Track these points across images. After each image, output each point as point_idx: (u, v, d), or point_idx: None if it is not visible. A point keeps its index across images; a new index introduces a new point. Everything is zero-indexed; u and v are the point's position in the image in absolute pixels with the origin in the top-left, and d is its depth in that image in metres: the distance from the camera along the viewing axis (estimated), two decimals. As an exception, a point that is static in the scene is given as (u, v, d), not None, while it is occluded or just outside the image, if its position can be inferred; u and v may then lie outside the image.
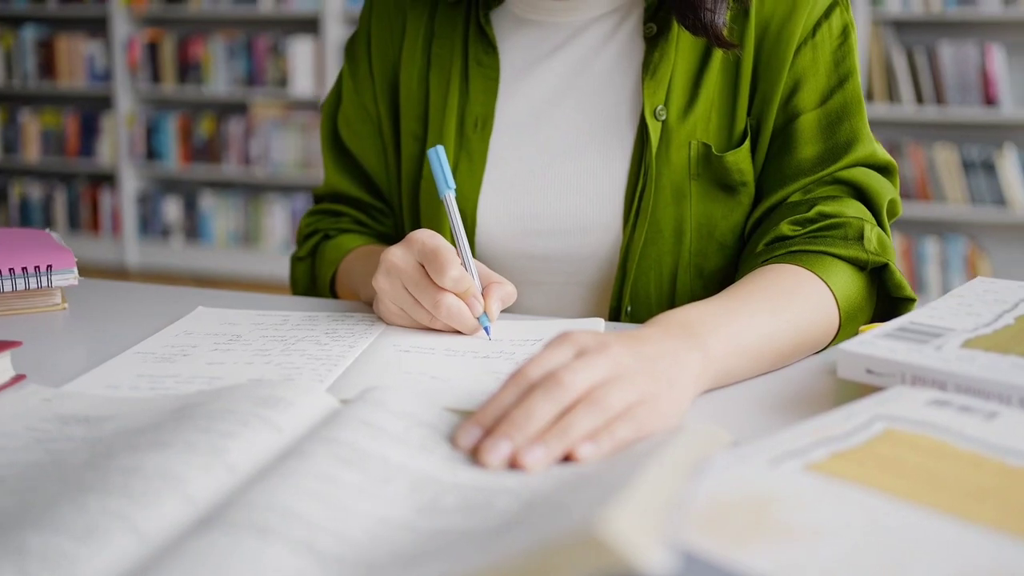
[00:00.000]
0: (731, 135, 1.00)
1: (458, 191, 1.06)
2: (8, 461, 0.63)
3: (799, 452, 0.57)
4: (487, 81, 1.06)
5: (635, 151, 1.01)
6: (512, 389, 0.65)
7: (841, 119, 0.97)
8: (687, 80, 1.00)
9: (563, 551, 0.38)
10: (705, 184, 1.00)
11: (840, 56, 0.98)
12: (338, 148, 1.19)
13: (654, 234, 1.00)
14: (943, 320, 0.78)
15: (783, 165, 0.98)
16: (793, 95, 0.98)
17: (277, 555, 0.47)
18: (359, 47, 1.16)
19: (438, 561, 0.45)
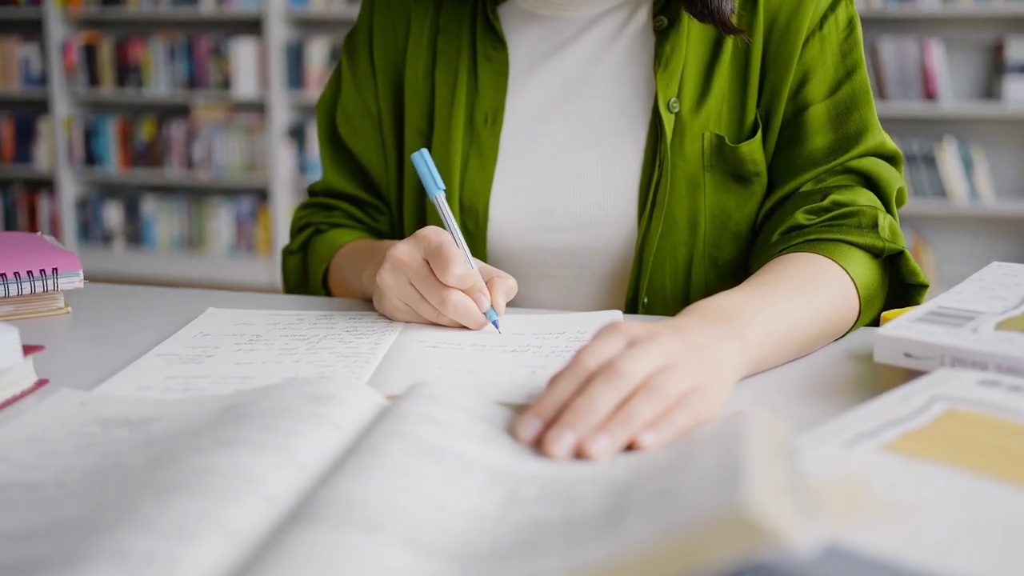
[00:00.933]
0: (742, 126, 1.01)
1: (470, 186, 1.06)
2: (62, 466, 0.62)
3: (871, 434, 0.58)
4: (496, 76, 1.06)
5: (648, 144, 1.02)
6: (570, 380, 0.65)
7: (850, 109, 0.99)
8: (698, 72, 1.01)
9: (707, 534, 0.38)
10: (719, 175, 1.01)
11: (847, 48, 1.00)
12: (336, 145, 1.18)
13: (669, 226, 1.01)
14: (971, 304, 0.80)
15: (794, 155, 1.00)
16: (802, 87, 1.00)
17: (385, 549, 0.47)
18: (359, 43, 1.14)
19: (554, 553, 0.45)
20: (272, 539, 0.48)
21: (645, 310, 1.04)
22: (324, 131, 1.19)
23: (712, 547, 0.38)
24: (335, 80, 1.19)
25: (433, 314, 0.90)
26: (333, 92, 1.19)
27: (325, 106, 1.19)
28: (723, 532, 0.38)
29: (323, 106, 1.19)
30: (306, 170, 4.42)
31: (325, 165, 1.19)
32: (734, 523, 0.38)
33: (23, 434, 0.67)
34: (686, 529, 0.39)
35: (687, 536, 0.39)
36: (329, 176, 1.18)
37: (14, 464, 0.62)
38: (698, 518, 0.40)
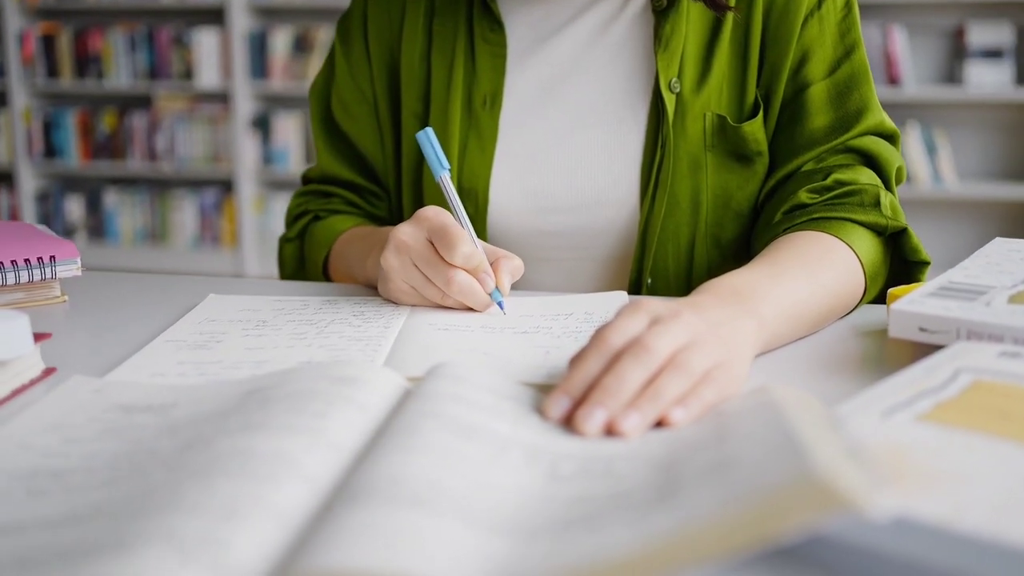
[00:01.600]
0: (742, 106, 1.01)
1: (469, 169, 1.05)
2: (88, 452, 0.61)
3: (905, 405, 0.59)
4: (494, 58, 1.06)
5: (649, 125, 1.02)
6: (596, 357, 0.65)
7: (850, 89, 1.00)
8: (698, 53, 1.01)
9: (783, 502, 0.39)
10: (720, 155, 1.01)
11: (845, 27, 1.01)
12: (331, 130, 1.17)
13: (672, 206, 1.01)
14: (980, 279, 0.80)
15: (795, 135, 1.00)
16: (802, 66, 1.00)
17: (439, 525, 0.46)
18: (353, 28, 1.13)
19: (617, 524, 0.45)
20: (321, 519, 0.48)
21: (649, 291, 1.04)
22: (318, 117, 1.18)
23: (788, 514, 0.38)
24: (328, 66, 1.18)
25: (438, 296, 0.89)
26: (326, 78, 1.18)
27: (318, 92, 1.18)
28: (800, 499, 0.38)
29: (316, 92, 1.18)
30: (271, 161, 4.39)
31: (320, 152, 1.18)
32: (812, 490, 0.38)
33: (43, 422, 0.66)
34: (761, 498, 0.39)
35: (763, 504, 0.39)
36: (325, 163, 1.17)
37: (39, 452, 0.61)
38: (772, 487, 0.40)
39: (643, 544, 0.40)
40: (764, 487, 0.41)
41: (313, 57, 4.24)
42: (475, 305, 0.89)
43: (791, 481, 0.40)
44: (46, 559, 0.47)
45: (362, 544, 0.43)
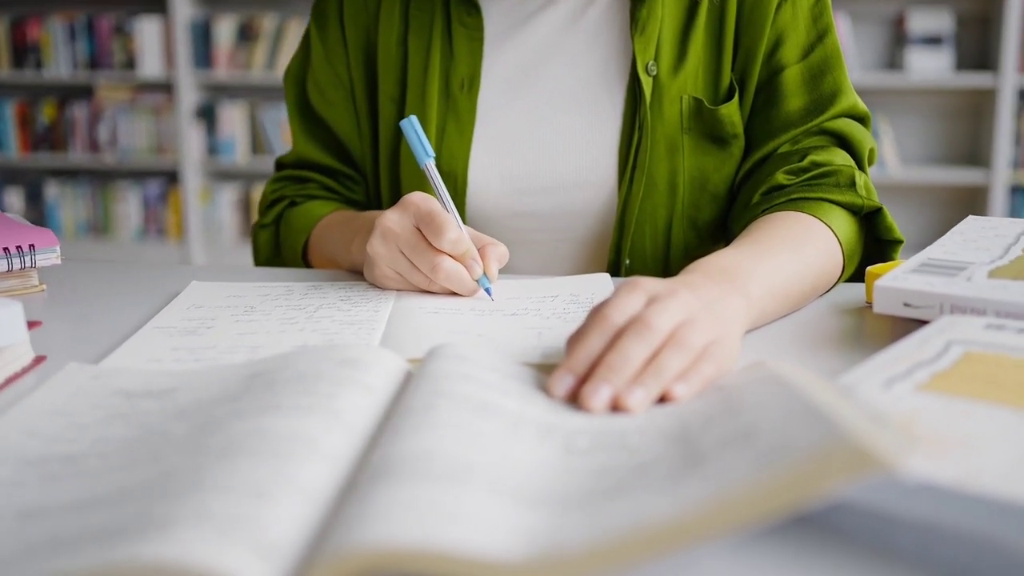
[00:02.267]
0: (718, 90, 1.03)
1: (448, 151, 1.06)
2: (96, 438, 0.60)
3: (903, 376, 0.60)
4: (472, 42, 1.06)
5: (626, 108, 1.03)
6: (598, 335, 0.66)
7: (823, 72, 1.02)
8: (674, 37, 1.03)
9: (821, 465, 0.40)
10: (697, 137, 1.03)
11: (817, 12, 1.03)
12: (307, 115, 1.17)
13: (649, 188, 1.03)
14: (958, 255, 0.83)
15: (771, 117, 1.02)
16: (776, 50, 1.02)
17: (474, 499, 0.47)
18: (329, 12, 1.13)
19: (652, 492, 0.46)
20: (352, 496, 0.48)
21: (627, 272, 1.05)
22: (294, 102, 1.18)
23: (826, 477, 0.40)
24: (303, 50, 1.18)
25: (424, 282, 0.90)
26: (301, 63, 1.17)
27: (293, 76, 1.18)
28: (838, 462, 0.40)
29: (291, 76, 1.18)
30: (216, 151, 4.34)
31: (296, 137, 1.17)
32: (849, 452, 0.40)
33: (45, 408, 0.65)
34: (799, 462, 0.41)
35: (801, 468, 0.40)
36: (301, 147, 1.17)
37: (45, 438, 0.61)
38: (809, 451, 0.41)
39: (681, 511, 0.42)
40: (800, 451, 0.42)
41: (259, 46, 4.20)
42: (461, 291, 0.90)
43: (828, 444, 0.41)
44: (77, 541, 0.47)
45: (401, 519, 0.44)
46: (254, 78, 4.19)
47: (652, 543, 0.41)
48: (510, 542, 0.43)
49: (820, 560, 0.47)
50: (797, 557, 0.48)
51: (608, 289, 0.92)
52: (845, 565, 0.47)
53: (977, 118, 3.88)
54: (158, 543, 0.43)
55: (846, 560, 0.47)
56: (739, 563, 0.47)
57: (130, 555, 0.43)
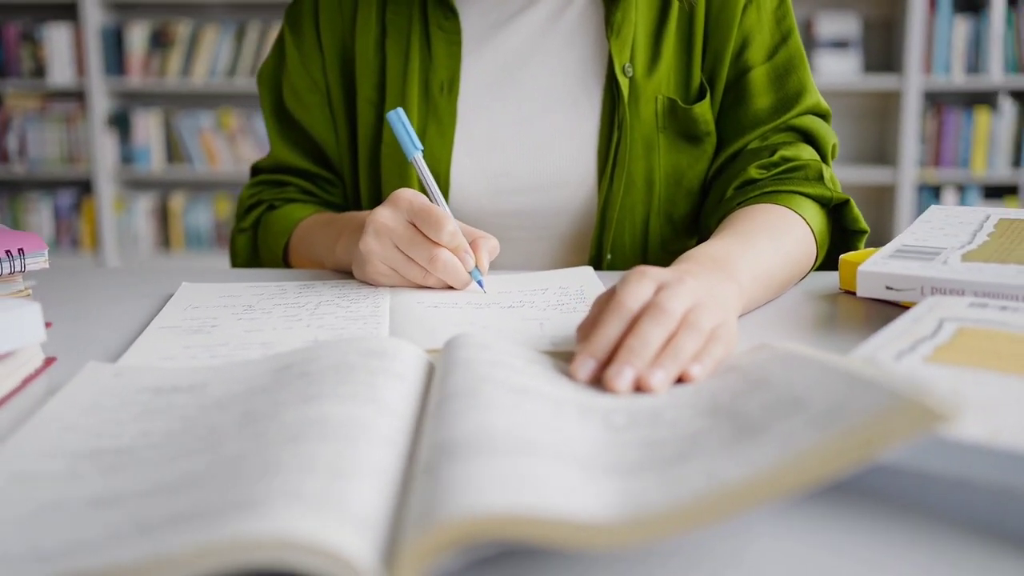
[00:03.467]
0: (689, 90, 1.07)
1: (430, 153, 1.08)
2: (137, 432, 0.61)
3: (909, 350, 0.65)
4: (450, 45, 1.09)
5: (604, 107, 1.07)
6: (616, 321, 0.69)
7: (788, 72, 1.07)
8: (648, 39, 1.07)
9: (888, 423, 0.44)
10: (671, 136, 1.07)
11: (781, 15, 1.08)
12: (283, 119, 1.18)
13: (628, 185, 1.06)
14: (928, 241, 0.88)
15: (740, 115, 1.07)
16: (743, 51, 1.07)
17: (551, 470, 0.49)
18: (304, 18, 1.14)
19: (712, 460, 0.49)
20: (430, 474, 0.50)
21: (608, 266, 1.09)
22: (270, 107, 1.19)
23: (893, 433, 0.43)
24: (276, 55, 1.18)
25: (420, 275, 0.92)
26: (275, 67, 1.18)
27: (268, 81, 1.19)
28: (903, 419, 0.44)
29: (266, 81, 1.19)
30: (131, 160, 4.27)
31: (273, 141, 1.18)
32: (913, 410, 0.44)
33: (76, 406, 0.66)
34: (866, 421, 0.44)
35: (869, 427, 0.44)
36: (278, 152, 1.18)
37: (88, 433, 0.62)
38: (873, 411, 0.45)
39: (756, 471, 0.45)
40: (863, 411, 0.46)
41: (173, 52, 4.15)
42: (456, 283, 0.92)
43: (892, 403, 0.45)
44: (165, 524, 0.48)
45: (489, 489, 0.46)
46: (169, 85, 4.13)
47: (732, 502, 0.44)
48: (593, 506, 0.46)
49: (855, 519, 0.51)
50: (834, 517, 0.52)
51: (595, 281, 0.95)
52: (879, 521, 0.51)
53: (884, 119, 4.02)
54: (258, 521, 0.45)
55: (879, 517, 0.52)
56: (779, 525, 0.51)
57: (234, 533, 0.44)
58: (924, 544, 0.49)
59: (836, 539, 0.49)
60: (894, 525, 0.51)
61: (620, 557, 0.48)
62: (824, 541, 0.49)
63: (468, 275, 0.92)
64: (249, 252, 1.18)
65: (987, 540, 0.49)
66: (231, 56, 4.11)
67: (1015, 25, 3.76)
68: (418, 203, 0.89)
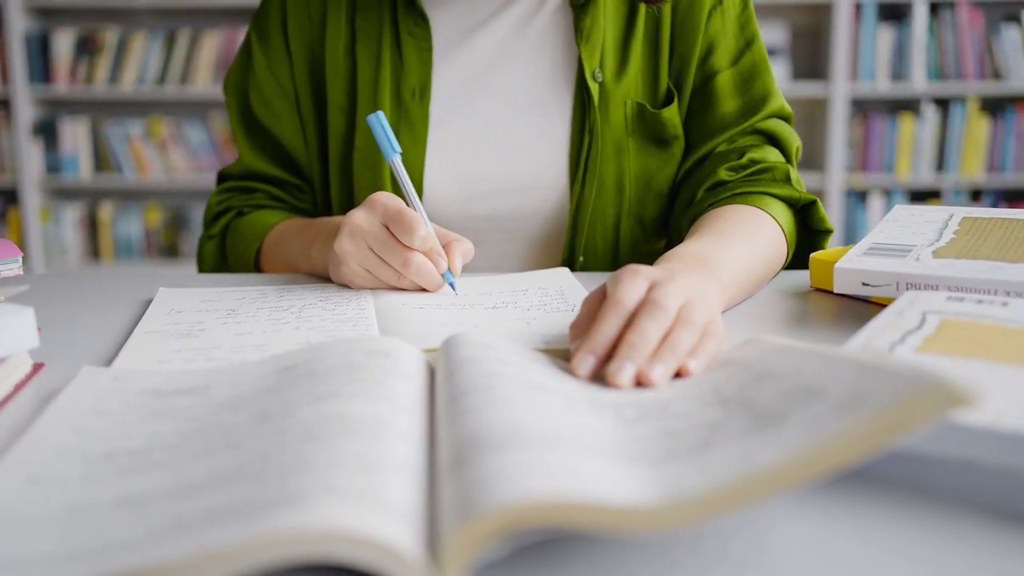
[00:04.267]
0: (656, 94, 1.10)
1: (403, 159, 1.08)
2: (151, 432, 0.61)
3: (899, 342, 0.67)
4: (421, 51, 1.09)
5: (574, 112, 1.09)
6: (613, 318, 0.70)
7: (753, 76, 1.10)
8: (616, 45, 1.09)
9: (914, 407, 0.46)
10: (640, 140, 1.09)
11: (744, 21, 1.11)
12: (251, 127, 1.17)
13: (599, 189, 1.08)
14: (899, 239, 0.91)
15: (707, 119, 1.09)
16: (708, 57, 1.09)
17: (581, 460, 0.50)
18: (271, 25, 1.14)
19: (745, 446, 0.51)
20: (460, 468, 0.51)
21: (581, 268, 1.11)
22: (237, 114, 1.18)
23: (919, 415, 0.45)
24: (242, 62, 1.18)
25: (394, 277, 0.93)
26: (241, 74, 1.18)
27: (234, 88, 1.18)
28: (929, 402, 0.46)
29: (232, 89, 1.18)
30: (57, 169, 4.18)
31: (242, 148, 1.18)
32: (938, 392, 0.46)
33: (78, 409, 0.65)
34: (892, 405, 0.46)
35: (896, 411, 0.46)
36: (247, 159, 1.17)
37: (97, 436, 0.61)
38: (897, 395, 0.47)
39: (789, 456, 0.47)
40: (886, 396, 0.48)
41: (101, 59, 4.08)
42: (429, 286, 0.93)
43: (916, 387, 0.47)
44: (202, 522, 0.48)
45: (527, 479, 0.47)
46: (97, 93, 4.06)
47: (767, 485, 0.46)
48: (632, 493, 0.47)
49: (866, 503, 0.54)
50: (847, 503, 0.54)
51: (572, 282, 0.97)
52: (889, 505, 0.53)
53: (812, 125, 4.11)
54: (304, 515, 0.45)
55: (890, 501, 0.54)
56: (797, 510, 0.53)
57: (282, 527, 0.44)
58: (934, 525, 0.51)
59: (850, 523, 0.52)
60: (903, 508, 0.53)
61: (650, 544, 0.50)
62: (839, 525, 0.51)
63: (441, 278, 0.93)
64: (217, 258, 1.18)
65: (994, 520, 0.52)
66: (160, 63, 4.05)
67: (937, 34, 3.87)
68: (392, 206, 0.90)
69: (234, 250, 1.14)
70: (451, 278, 0.94)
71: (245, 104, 1.18)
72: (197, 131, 4.07)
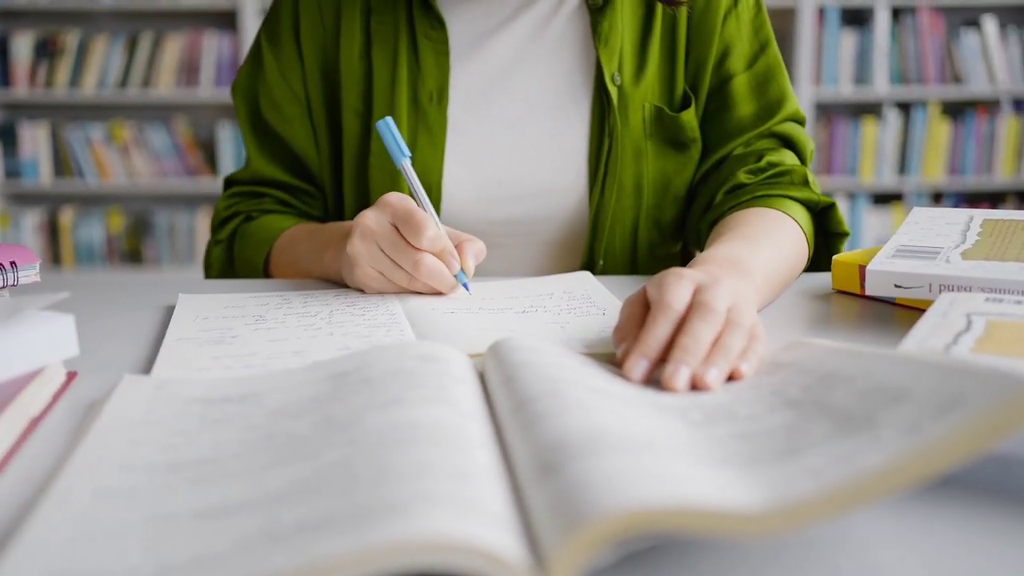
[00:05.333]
0: (673, 97, 1.10)
1: (421, 162, 1.08)
2: (211, 441, 0.60)
3: (952, 343, 0.68)
4: (438, 55, 1.09)
5: (593, 115, 1.09)
6: (664, 322, 0.70)
7: (768, 80, 1.10)
8: (634, 48, 1.09)
9: (1019, 408, 0.46)
10: (659, 143, 1.09)
11: (758, 25, 1.11)
12: (261, 131, 1.16)
13: (619, 192, 1.08)
14: (924, 242, 0.92)
15: (724, 122, 1.10)
16: (723, 60, 1.10)
17: (676, 463, 0.50)
18: (283, 30, 1.13)
19: (846, 447, 0.51)
20: (548, 474, 0.50)
21: (601, 271, 1.11)
22: (247, 119, 1.17)
23: (1020, 420, 0.46)
24: (252, 67, 1.16)
25: (406, 280, 0.91)
26: (251, 78, 1.16)
27: (244, 93, 1.16)
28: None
29: (242, 93, 1.17)
30: (16, 173, 4.11)
31: (251, 153, 1.16)
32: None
33: (130, 419, 0.64)
34: (997, 408, 0.47)
35: (1000, 413, 0.46)
36: (256, 164, 1.16)
37: (151, 446, 0.60)
38: (1002, 398, 0.47)
39: (897, 459, 0.46)
40: (986, 398, 0.48)
41: (62, 62, 4.01)
42: (442, 287, 0.92)
43: (1018, 388, 0.47)
44: (292, 533, 0.47)
45: (643, 484, 0.46)
46: (57, 96, 3.99)
47: (876, 488, 0.45)
48: (737, 497, 0.47)
49: (944, 504, 0.54)
50: (925, 504, 0.54)
51: (597, 286, 0.96)
52: (965, 505, 0.54)
53: (777, 129, 4.14)
54: (408, 524, 0.44)
55: (966, 501, 0.54)
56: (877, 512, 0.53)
57: (385, 538, 0.44)
58: (1012, 526, 0.52)
59: (931, 522, 0.52)
60: (980, 508, 0.54)
61: (729, 548, 0.50)
62: (919, 524, 0.52)
63: (453, 279, 0.92)
64: (224, 264, 1.16)
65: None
66: (122, 66, 4.00)
67: (898, 38, 3.93)
68: (402, 207, 0.89)
69: (241, 255, 1.13)
70: (464, 278, 0.93)
71: (255, 108, 1.16)
72: (160, 135, 4.02)
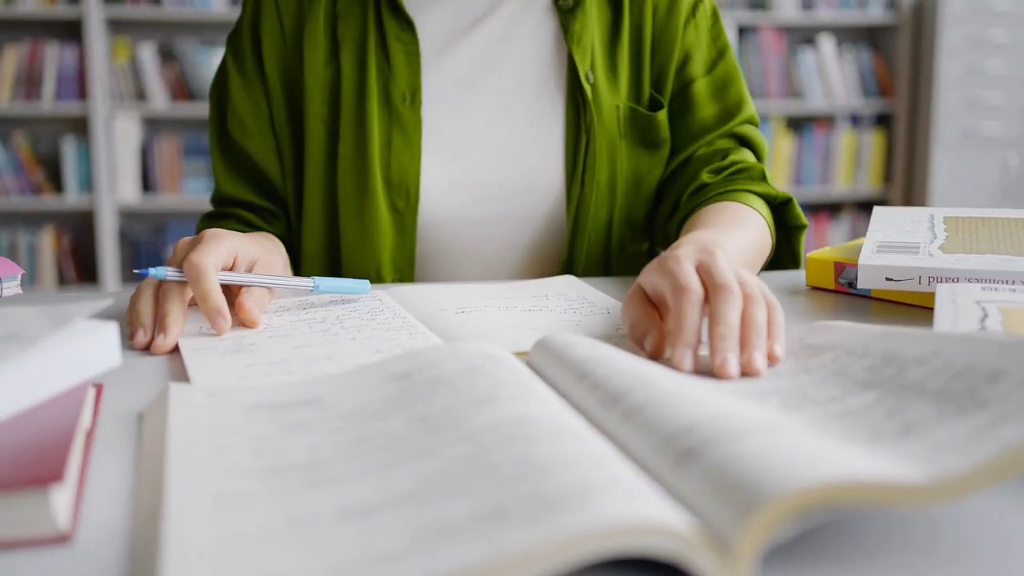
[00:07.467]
0: (640, 99, 1.13)
1: (397, 164, 1.07)
2: (303, 446, 0.58)
3: (983, 327, 0.72)
4: (409, 56, 1.08)
5: (568, 114, 1.11)
6: (691, 309, 0.72)
7: (727, 84, 1.15)
8: (604, 49, 1.12)
9: None
10: (632, 142, 1.12)
11: (715, 32, 1.16)
12: (227, 150, 1.14)
13: (596, 191, 1.10)
14: (899, 238, 0.97)
15: (687, 124, 1.14)
16: (684, 65, 1.14)
17: (804, 441, 0.52)
18: (244, 43, 1.12)
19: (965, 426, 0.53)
20: (683, 461, 0.51)
21: (581, 269, 1.13)
22: (214, 134, 1.15)
23: None
24: (221, 81, 1.14)
25: None
26: (219, 93, 1.15)
27: (214, 107, 1.15)
28: None
29: (212, 106, 1.15)
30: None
31: (217, 173, 1.15)
32: None
33: (203, 427, 0.61)
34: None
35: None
36: (223, 183, 1.14)
37: (241, 452, 0.58)
38: None
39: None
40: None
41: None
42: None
43: None
44: (472, 527, 0.46)
45: (804, 462, 0.47)
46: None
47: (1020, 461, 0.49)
48: (896, 471, 0.49)
49: None
50: None
51: (586, 288, 0.98)
52: None
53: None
54: (583, 514, 0.45)
55: None
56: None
57: (584, 523, 0.44)
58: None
59: None
60: None
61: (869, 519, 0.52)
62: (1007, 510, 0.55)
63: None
64: None
65: None
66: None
67: (744, 56, 4.10)
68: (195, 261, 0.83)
69: None
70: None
71: (222, 125, 1.14)
72: (-2, 150, 3.82)
